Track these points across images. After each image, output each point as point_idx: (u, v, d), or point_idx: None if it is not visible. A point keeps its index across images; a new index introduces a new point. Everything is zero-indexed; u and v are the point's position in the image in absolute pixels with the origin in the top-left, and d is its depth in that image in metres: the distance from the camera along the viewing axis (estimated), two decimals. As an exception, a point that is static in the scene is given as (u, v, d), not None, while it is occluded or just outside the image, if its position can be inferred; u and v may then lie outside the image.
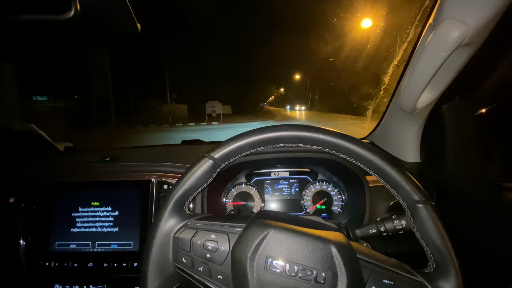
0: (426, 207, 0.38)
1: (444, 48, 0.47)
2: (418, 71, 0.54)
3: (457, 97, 0.65)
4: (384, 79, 1.35)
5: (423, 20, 0.57)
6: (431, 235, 0.38)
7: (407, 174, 0.40)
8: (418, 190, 0.39)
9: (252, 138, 0.42)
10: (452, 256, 0.37)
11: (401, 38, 14.16)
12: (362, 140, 0.41)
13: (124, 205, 0.71)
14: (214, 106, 18.33)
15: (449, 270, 0.37)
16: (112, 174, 0.75)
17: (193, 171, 0.43)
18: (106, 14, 0.48)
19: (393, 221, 0.52)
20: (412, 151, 0.78)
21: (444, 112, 0.67)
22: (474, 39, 0.46)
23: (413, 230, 0.40)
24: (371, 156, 0.40)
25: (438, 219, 0.38)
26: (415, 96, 0.59)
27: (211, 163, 0.43)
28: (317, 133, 0.41)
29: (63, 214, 0.72)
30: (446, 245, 0.37)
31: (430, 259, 0.39)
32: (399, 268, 0.39)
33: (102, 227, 0.71)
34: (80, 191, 0.74)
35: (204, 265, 0.40)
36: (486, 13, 0.42)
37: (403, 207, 0.41)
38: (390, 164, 0.40)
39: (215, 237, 0.41)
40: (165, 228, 0.42)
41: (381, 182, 0.41)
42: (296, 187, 0.92)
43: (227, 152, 0.43)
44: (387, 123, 0.86)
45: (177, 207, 0.43)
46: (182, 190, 0.43)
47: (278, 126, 0.42)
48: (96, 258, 0.70)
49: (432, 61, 0.50)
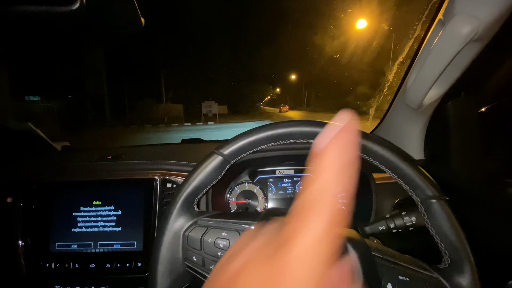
0: (440, 203, 0.38)
1: (454, 44, 0.46)
2: (426, 67, 0.54)
3: (462, 94, 0.65)
4: (384, 78, 1.36)
5: (430, 16, 0.57)
6: (445, 231, 0.38)
7: (420, 169, 0.40)
8: (432, 185, 0.39)
9: (262, 134, 0.42)
10: (468, 251, 0.37)
11: (402, 36, 14.31)
12: (371, 134, 0.41)
13: (127, 204, 0.70)
14: (210, 106, 18.29)
15: (464, 266, 0.37)
16: (114, 172, 0.73)
17: (203, 167, 0.42)
18: (110, 6, 0.47)
19: (403, 217, 0.51)
20: (416, 148, 0.78)
21: (449, 109, 0.67)
22: (485, 34, 0.46)
23: (427, 225, 0.40)
24: (383, 151, 0.39)
25: (452, 214, 0.38)
26: (422, 92, 0.59)
27: (220, 159, 0.42)
28: (323, 128, 0.41)
29: (64, 213, 0.70)
30: (462, 241, 0.37)
31: (445, 255, 0.39)
32: (413, 264, 0.38)
33: (104, 227, 0.69)
34: (81, 190, 0.72)
35: (216, 264, 0.39)
36: (498, 7, 0.42)
37: (416, 202, 0.40)
38: (403, 159, 0.39)
39: (226, 235, 0.40)
40: (174, 226, 0.41)
41: (393, 177, 0.41)
42: (300, 185, 0.92)
43: (237, 149, 0.42)
44: (391, 120, 0.86)
45: (187, 204, 0.42)
46: (191, 187, 0.42)
47: (289, 122, 0.42)
48: (99, 258, 0.68)
49: (442, 57, 0.50)
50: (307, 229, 0.15)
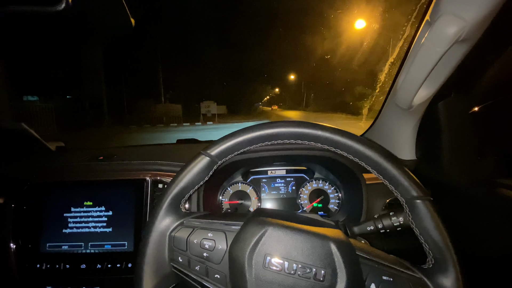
0: (425, 203, 0.38)
1: (441, 44, 0.47)
2: (415, 67, 0.54)
3: (452, 94, 0.65)
4: (378, 78, 1.37)
5: (419, 17, 0.57)
6: (429, 231, 0.38)
7: (405, 170, 0.40)
8: (416, 185, 0.39)
9: (249, 134, 0.42)
10: (451, 251, 0.37)
11: (394, 37, 14.35)
12: (359, 136, 0.41)
13: (118, 204, 0.70)
14: (209, 106, 18.29)
15: (448, 265, 0.37)
16: (105, 173, 0.73)
17: (189, 168, 0.42)
18: (97, 7, 0.47)
19: (391, 217, 0.51)
20: (408, 148, 0.78)
21: (439, 109, 0.68)
22: (471, 35, 0.46)
23: (412, 226, 0.40)
24: (370, 152, 0.40)
25: (436, 214, 0.38)
26: (412, 93, 0.59)
27: (207, 160, 0.42)
28: (315, 129, 0.41)
29: (55, 214, 0.70)
30: (445, 240, 0.37)
31: (429, 255, 0.39)
32: (398, 264, 0.38)
33: (95, 228, 0.69)
34: (72, 191, 0.72)
35: (201, 264, 0.39)
36: (484, 8, 0.42)
37: (401, 203, 0.41)
38: (389, 160, 0.40)
39: (212, 236, 0.40)
40: (160, 227, 0.41)
41: (379, 178, 0.41)
42: (293, 186, 0.92)
43: (224, 149, 0.42)
44: (383, 121, 0.86)
45: (173, 205, 0.42)
46: (178, 188, 0.42)
47: (275, 123, 0.42)
48: (89, 259, 0.68)
49: (429, 57, 0.50)
50: None
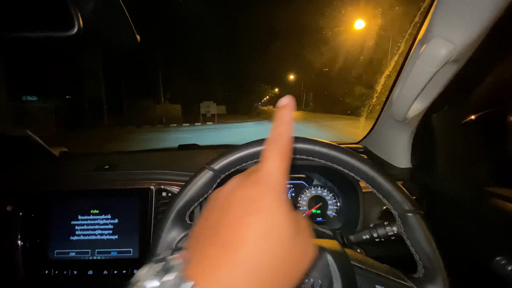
0: (416, 216, 0.41)
1: (432, 64, 0.49)
2: (408, 84, 0.57)
3: (445, 107, 0.68)
4: (376, 83, 1.39)
5: (413, 34, 0.60)
6: (420, 242, 0.41)
7: (398, 185, 0.43)
8: (408, 200, 0.42)
9: (251, 149, 0.44)
10: (440, 262, 0.40)
11: (393, 42, 14.33)
12: (355, 152, 0.44)
13: (124, 213, 0.72)
14: (209, 106, 18.26)
15: (437, 275, 0.40)
16: (111, 182, 0.76)
17: (194, 182, 0.45)
18: (107, 28, 0.49)
19: (385, 227, 0.54)
20: (404, 157, 0.81)
21: (433, 121, 0.70)
22: (461, 56, 0.49)
23: (404, 237, 0.43)
24: (364, 167, 0.42)
25: (427, 227, 0.41)
26: (406, 106, 0.62)
27: (211, 174, 0.45)
28: (314, 145, 0.44)
29: (63, 222, 0.73)
30: (434, 251, 0.40)
31: (419, 265, 0.42)
32: (390, 273, 0.41)
33: (101, 235, 0.71)
34: (79, 199, 0.74)
35: None
36: (472, 33, 0.45)
37: (395, 215, 0.43)
38: (382, 175, 0.42)
39: None
40: (167, 238, 0.43)
41: (373, 192, 0.43)
42: (292, 192, 0.94)
43: (227, 163, 0.45)
44: (380, 130, 0.89)
45: (179, 217, 0.45)
46: (183, 201, 0.44)
47: None
48: (96, 265, 0.70)
49: (422, 76, 0.53)
50: (269, 161, 0.25)
